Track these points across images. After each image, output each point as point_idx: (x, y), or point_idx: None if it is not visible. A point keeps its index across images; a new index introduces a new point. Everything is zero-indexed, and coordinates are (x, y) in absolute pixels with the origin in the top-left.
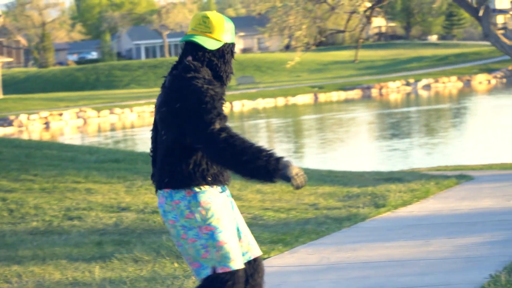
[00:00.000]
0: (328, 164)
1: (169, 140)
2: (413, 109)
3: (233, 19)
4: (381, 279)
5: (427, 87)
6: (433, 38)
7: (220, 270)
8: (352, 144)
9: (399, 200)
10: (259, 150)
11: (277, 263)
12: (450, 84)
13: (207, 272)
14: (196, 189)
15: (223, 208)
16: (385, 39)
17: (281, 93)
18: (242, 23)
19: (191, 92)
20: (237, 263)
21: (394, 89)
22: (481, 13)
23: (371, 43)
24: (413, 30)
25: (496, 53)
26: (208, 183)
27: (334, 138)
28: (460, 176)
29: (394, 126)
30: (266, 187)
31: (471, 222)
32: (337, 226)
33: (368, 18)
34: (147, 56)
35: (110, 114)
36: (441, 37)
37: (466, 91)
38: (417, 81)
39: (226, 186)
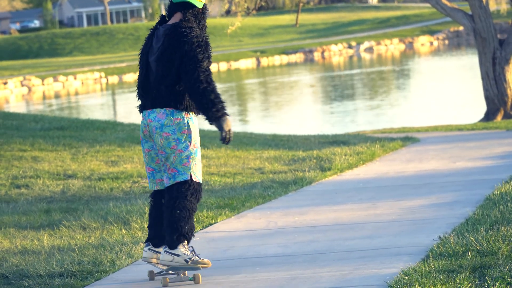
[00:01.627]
0: (273, 128)
1: (170, 78)
2: (356, 71)
3: None
4: (329, 242)
5: (369, 49)
6: (374, 0)
7: (194, 179)
8: (296, 108)
9: (345, 163)
10: (217, 104)
11: (224, 228)
12: (392, 47)
13: (184, 177)
14: (191, 114)
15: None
16: (326, 3)
17: (223, 58)
18: None
19: (192, 37)
20: (201, 179)
21: (337, 52)
22: None
23: (312, 7)
24: None
25: (438, 15)
26: (195, 113)
27: (278, 102)
28: (406, 138)
29: (337, 89)
30: (212, 153)
31: (417, 184)
32: (284, 190)
33: None
34: (89, 23)
35: (55, 82)
36: (382, 0)
37: (409, 53)
38: (359, 44)
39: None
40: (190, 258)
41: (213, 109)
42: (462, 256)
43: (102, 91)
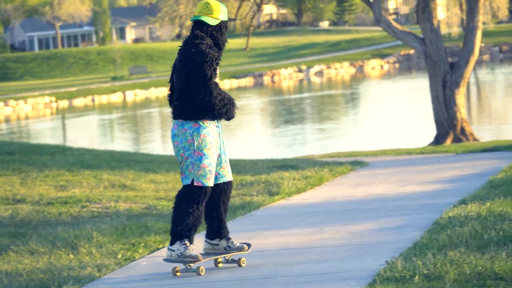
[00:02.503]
0: None
1: (183, 87)
2: (305, 95)
3: (124, 10)
4: (276, 267)
5: (319, 73)
6: (325, 24)
7: (195, 183)
8: (245, 132)
9: (293, 188)
10: (231, 104)
11: None
12: (343, 70)
13: (187, 181)
14: (200, 123)
15: (214, 141)
16: (277, 26)
17: None
18: (133, 13)
19: (197, 53)
20: (208, 183)
21: (287, 76)
22: None
23: (262, 31)
24: (304, 17)
25: (388, 38)
26: (206, 120)
27: (227, 126)
28: (354, 162)
29: (287, 113)
30: (160, 177)
31: (365, 208)
32: (231, 214)
33: (259, 6)
34: (40, 47)
35: (5, 106)
36: (333, 23)
37: (359, 77)
38: (309, 67)
39: (219, 124)
40: (181, 253)
41: (228, 112)
42: (409, 280)
43: (52, 115)
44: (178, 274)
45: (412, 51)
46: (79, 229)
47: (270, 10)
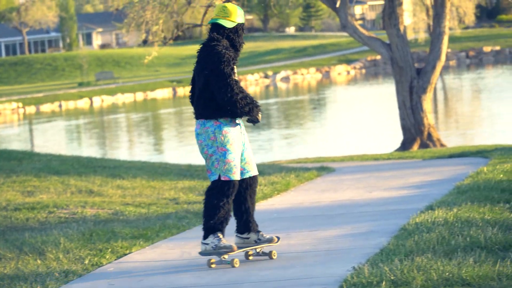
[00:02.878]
0: (188, 159)
1: (202, 87)
2: (272, 101)
3: (91, 15)
4: (243, 272)
5: (285, 79)
6: (291, 30)
7: (222, 178)
8: None
9: (260, 194)
10: (253, 104)
11: (138, 259)
12: (309, 76)
13: (214, 177)
14: (221, 121)
15: (236, 137)
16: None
17: (140, 88)
18: (100, 19)
19: (214, 54)
20: (235, 176)
21: (253, 82)
22: (338, 4)
23: None
24: (270, 23)
25: (355, 44)
26: (227, 118)
27: (192, 132)
28: (321, 168)
29: None
30: (127, 183)
31: (332, 214)
32: (198, 220)
33: None
34: (7, 53)
35: None
36: (299, 29)
37: (325, 83)
38: (275, 73)
39: (240, 122)
40: (216, 245)
41: (250, 111)
42: (376, 286)
43: (19, 121)
44: (213, 266)
45: (378, 57)
46: (46, 234)
47: None
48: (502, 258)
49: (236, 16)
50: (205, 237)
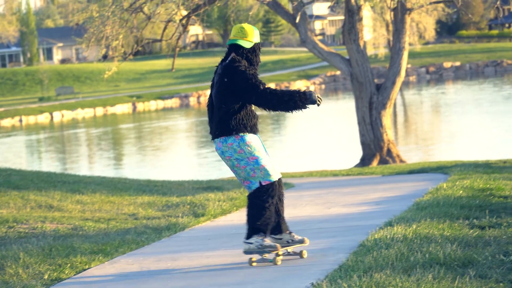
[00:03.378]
0: (147, 174)
1: (224, 106)
2: None
3: (51, 30)
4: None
5: None
6: None
7: (264, 183)
8: (170, 153)
9: (219, 209)
10: (292, 92)
11: (97, 274)
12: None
13: (256, 185)
14: (241, 134)
15: (259, 144)
16: (203, 47)
17: (100, 103)
18: (60, 34)
19: (239, 73)
20: (274, 176)
21: None
22: (297, 19)
23: (188, 51)
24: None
25: (314, 59)
26: (247, 131)
27: (152, 147)
28: None
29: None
30: (86, 198)
31: (292, 230)
32: (157, 235)
33: (185, 27)
34: None
35: None
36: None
37: None
38: None
39: (258, 134)
40: (261, 245)
41: (290, 101)
42: None
43: None
44: (254, 264)
45: (338, 72)
46: (5, 249)
47: (196, 31)
48: (461, 274)
49: (253, 36)
50: (248, 237)
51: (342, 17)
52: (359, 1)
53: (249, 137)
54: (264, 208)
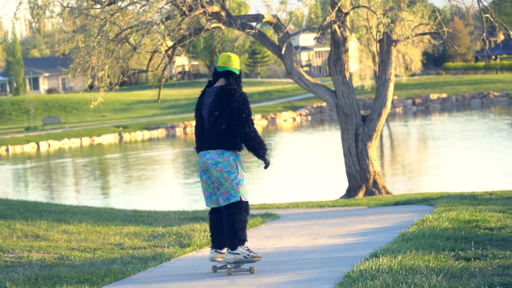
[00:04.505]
0: (133, 204)
1: (221, 127)
2: None
3: (37, 60)
4: None
5: None
6: None
7: (243, 199)
8: (157, 183)
9: (204, 240)
10: (263, 143)
11: None
12: (255, 122)
13: (236, 198)
14: (237, 152)
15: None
16: (189, 78)
17: (86, 133)
18: (46, 64)
19: (238, 96)
20: (248, 198)
21: None
22: (283, 50)
23: (174, 82)
24: None
25: (300, 91)
26: (240, 151)
27: (138, 177)
28: (266, 214)
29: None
30: (73, 228)
31: (276, 261)
32: (143, 265)
33: (170, 57)
34: None
35: None
36: (245, 75)
37: (271, 129)
38: None
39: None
40: (248, 255)
41: (259, 149)
42: None
43: None
44: (230, 273)
45: (324, 104)
46: None
47: (182, 62)
48: None
49: (238, 64)
50: (233, 248)
51: (329, 48)
52: (345, 32)
53: (240, 157)
54: (245, 221)
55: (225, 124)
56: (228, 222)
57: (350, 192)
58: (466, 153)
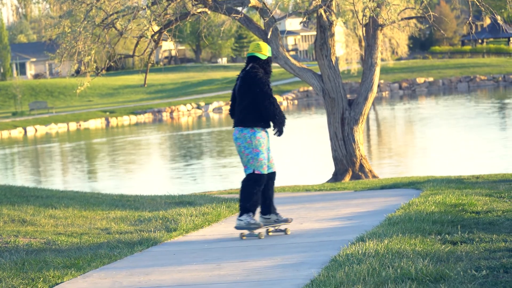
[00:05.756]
0: (120, 188)
1: (246, 104)
2: (204, 131)
3: (24, 45)
4: None
5: (218, 110)
6: (223, 60)
7: (256, 172)
8: (143, 168)
9: (191, 224)
10: (279, 116)
11: None
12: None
13: (250, 171)
14: (255, 129)
15: (264, 142)
16: (175, 63)
17: (73, 118)
18: (33, 49)
19: (258, 79)
20: (264, 171)
21: (185, 112)
22: (269, 35)
23: (161, 67)
24: (203, 53)
25: (287, 75)
26: (260, 128)
27: (124, 162)
28: None
29: (184, 149)
30: (59, 213)
31: (263, 245)
32: (129, 250)
33: (157, 42)
34: None
35: None
36: (232, 60)
37: None
38: (208, 104)
39: (267, 130)
40: (248, 222)
41: (274, 118)
42: None
43: None
44: (244, 238)
45: (311, 88)
46: None
47: (168, 47)
48: None
49: (267, 51)
50: (240, 215)
51: (315, 33)
52: (331, 17)
53: (260, 134)
54: (253, 193)
55: (246, 102)
56: (240, 191)
57: (337, 176)
58: (453, 137)
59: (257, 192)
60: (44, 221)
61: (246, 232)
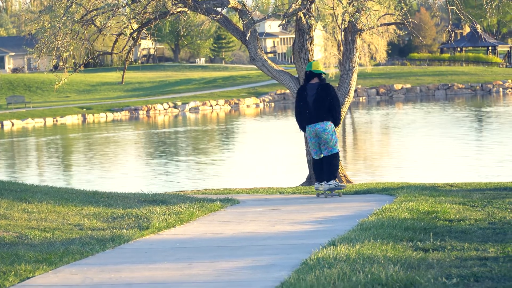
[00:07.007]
0: (94, 185)
1: (325, 108)
2: (180, 129)
3: (3, 39)
4: None
5: (195, 109)
6: (202, 61)
7: (337, 151)
8: (118, 165)
9: (163, 223)
10: (340, 117)
11: (40, 282)
12: (218, 107)
13: (336, 150)
14: (331, 122)
15: None
16: (154, 61)
17: (50, 113)
18: (12, 43)
19: (333, 90)
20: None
21: (162, 111)
22: (248, 36)
23: (139, 65)
24: (181, 53)
25: (264, 77)
26: (331, 121)
27: (99, 159)
28: (226, 199)
29: (159, 148)
30: (33, 207)
31: (234, 246)
32: (101, 247)
33: (135, 40)
34: None
35: None
36: (210, 60)
37: (234, 115)
38: (184, 103)
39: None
40: (337, 184)
41: (337, 119)
42: None
43: None
44: (328, 192)
45: (288, 91)
46: None
47: (147, 45)
48: None
49: (322, 68)
50: (328, 180)
51: (294, 36)
52: (310, 20)
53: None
54: (338, 165)
55: (327, 105)
56: (328, 165)
57: (311, 180)
58: (429, 144)
59: (339, 165)
60: (18, 215)
61: (328, 193)
